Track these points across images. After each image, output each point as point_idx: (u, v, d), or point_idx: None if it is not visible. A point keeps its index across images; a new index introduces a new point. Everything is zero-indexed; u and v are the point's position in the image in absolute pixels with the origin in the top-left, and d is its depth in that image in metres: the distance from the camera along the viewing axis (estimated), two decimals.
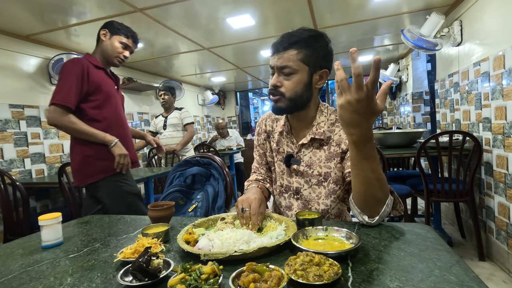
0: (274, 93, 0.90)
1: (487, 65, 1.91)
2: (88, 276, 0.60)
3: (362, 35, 3.06)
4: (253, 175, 1.11)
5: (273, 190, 1.09)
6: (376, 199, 0.73)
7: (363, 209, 0.75)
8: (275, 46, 0.89)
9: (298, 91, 0.89)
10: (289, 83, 0.88)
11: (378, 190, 0.71)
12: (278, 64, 0.88)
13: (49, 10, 1.98)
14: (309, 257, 0.54)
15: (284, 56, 0.87)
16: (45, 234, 0.77)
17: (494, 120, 1.86)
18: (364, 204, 0.74)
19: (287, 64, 0.87)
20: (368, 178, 0.70)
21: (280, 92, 0.89)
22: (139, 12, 2.08)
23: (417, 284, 0.48)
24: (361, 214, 0.76)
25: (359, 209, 0.76)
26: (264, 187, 1.04)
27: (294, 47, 0.86)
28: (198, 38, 2.77)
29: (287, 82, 0.88)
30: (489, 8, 1.87)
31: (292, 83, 0.88)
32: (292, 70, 0.87)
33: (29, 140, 2.41)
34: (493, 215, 1.96)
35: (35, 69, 2.50)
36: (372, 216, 0.75)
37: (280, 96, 0.89)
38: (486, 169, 2.02)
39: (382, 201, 0.73)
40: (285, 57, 0.87)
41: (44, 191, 2.50)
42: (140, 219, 1.00)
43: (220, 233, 0.71)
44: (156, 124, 3.30)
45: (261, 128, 1.10)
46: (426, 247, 0.62)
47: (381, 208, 0.73)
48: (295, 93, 0.89)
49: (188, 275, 0.51)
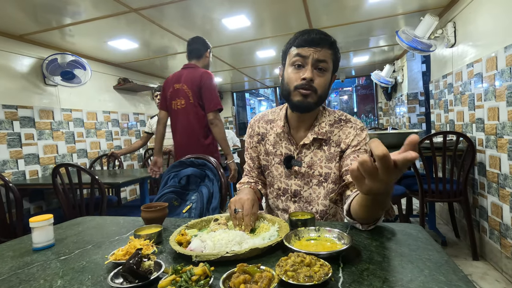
0: (307, 87, 0.86)
1: (480, 66, 1.93)
2: (79, 278, 0.59)
3: (357, 36, 3.08)
4: (245, 177, 1.09)
5: (267, 193, 1.08)
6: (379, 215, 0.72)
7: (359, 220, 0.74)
8: (312, 40, 0.85)
9: (326, 89, 0.89)
10: (322, 80, 0.87)
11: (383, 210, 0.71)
12: (317, 57, 0.85)
13: (43, 10, 1.96)
14: (300, 257, 0.54)
15: (322, 52, 0.85)
16: (36, 236, 0.77)
17: (487, 121, 1.88)
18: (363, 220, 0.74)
19: (324, 63, 0.86)
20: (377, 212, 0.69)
21: (313, 87, 0.86)
22: (134, 12, 2.08)
23: (407, 284, 0.49)
24: (354, 223, 0.76)
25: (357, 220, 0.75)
26: (256, 188, 1.03)
27: (329, 47, 0.87)
28: None
29: (320, 78, 0.87)
30: (482, 10, 1.89)
31: (324, 80, 0.88)
32: (326, 68, 0.87)
33: (22, 141, 2.39)
34: (486, 214, 1.97)
35: (29, 69, 2.48)
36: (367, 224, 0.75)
37: (312, 91, 0.86)
38: (479, 169, 2.03)
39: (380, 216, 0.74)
40: (323, 54, 0.86)
41: (38, 193, 2.48)
42: (134, 220, 1.00)
43: (212, 234, 0.71)
44: (151, 124, 3.27)
45: (254, 131, 1.07)
46: (417, 247, 0.63)
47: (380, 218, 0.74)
48: (325, 91, 0.89)
49: (178, 277, 0.51)
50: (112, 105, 3.42)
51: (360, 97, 9.61)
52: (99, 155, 3.12)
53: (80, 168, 1.84)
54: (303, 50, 0.86)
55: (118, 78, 3.49)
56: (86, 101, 3.06)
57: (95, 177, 1.79)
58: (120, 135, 3.51)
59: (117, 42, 2.69)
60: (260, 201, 1.01)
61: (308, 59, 0.86)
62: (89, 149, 3.05)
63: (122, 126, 3.55)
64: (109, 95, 3.39)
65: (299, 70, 0.88)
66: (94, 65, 3.12)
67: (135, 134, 3.77)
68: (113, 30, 2.40)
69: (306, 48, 0.86)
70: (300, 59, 0.87)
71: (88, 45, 2.72)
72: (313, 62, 0.86)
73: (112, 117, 3.41)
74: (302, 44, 0.86)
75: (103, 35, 2.50)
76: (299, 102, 0.88)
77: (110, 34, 2.48)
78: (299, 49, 0.86)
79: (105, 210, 1.88)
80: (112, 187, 2.17)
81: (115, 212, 2.19)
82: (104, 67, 3.31)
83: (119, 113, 3.52)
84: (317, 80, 0.87)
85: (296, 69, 0.88)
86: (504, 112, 1.68)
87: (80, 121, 2.96)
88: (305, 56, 0.86)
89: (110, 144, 3.35)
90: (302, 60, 0.87)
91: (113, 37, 2.56)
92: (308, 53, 0.85)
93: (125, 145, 3.58)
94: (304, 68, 0.87)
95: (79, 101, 2.96)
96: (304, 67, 0.87)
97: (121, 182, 1.93)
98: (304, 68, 0.87)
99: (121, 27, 2.35)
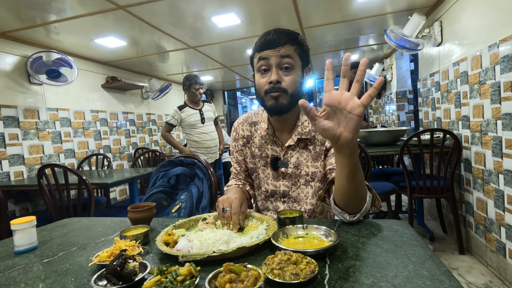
0: (274, 89, 0.85)
1: (465, 65, 1.97)
2: (61, 281, 0.58)
3: (347, 35, 3.10)
4: (232, 180, 1.08)
5: (256, 195, 1.07)
6: (360, 197, 0.74)
7: (346, 208, 0.76)
8: (269, 41, 0.84)
9: (298, 86, 0.87)
10: (289, 78, 0.85)
11: (363, 189, 0.73)
12: (279, 56, 0.84)
13: (26, 6, 1.90)
14: (287, 256, 0.54)
15: (282, 51, 0.84)
16: (18, 239, 0.74)
17: (472, 118, 1.93)
18: (349, 204, 0.75)
19: (288, 60, 0.84)
20: (361, 177, 0.70)
21: (282, 88, 0.85)
22: (121, 9, 2.04)
23: (391, 279, 0.49)
24: (342, 213, 0.77)
25: (342, 208, 0.76)
26: (244, 189, 1.02)
27: (291, 43, 0.85)
28: (183, 37, 2.74)
29: (287, 77, 0.85)
30: (467, 10, 1.93)
31: (293, 78, 0.86)
32: (292, 65, 0.85)
33: (6, 141, 2.32)
34: (472, 210, 2.02)
35: (12, 67, 2.41)
36: (353, 213, 0.76)
37: (282, 92, 0.85)
38: (465, 165, 2.08)
39: (364, 198, 0.75)
40: (285, 51, 0.84)
41: (23, 194, 2.42)
42: (121, 221, 0.98)
43: (199, 233, 0.70)
44: (187, 116, 2.88)
45: (238, 134, 1.05)
46: (402, 243, 0.64)
47: (363, 206, 0.75)
48: (296, 89, 0.87)
49: (164, 277, 0.50)
50: (100, 104, 3.36)
51: None
52: (87, 155, 3.06)
53: (67, 168, 1.80)
54: (264, 53, 0.85)
55: (106, 77, 3.43)
56: (73, 100, 3.00)
57: (82, 177, 1.76)
58: (109, 135, 3.45)
59: (104, 40, 2.63)
60: (249, 201, 1.00)
61: (271, 60, 0.85)
62: (77, 149, 2.99)
63: (111, 125, 3.49)
64: (97, 94, 3.32)
65: (266, 74, 0.87)
66: (81, 63, 3.06)
67: (125, 133, 3.71)
68: (100, 27, 2.35)
69: (267, 51, 0.85)
70: (264, 62, 0.86)
71: (74, 43, 2.65)
72: (277, 63, 0.85)
73: (101, 116, 3.35)
74: (262, 47, 0.85)
75: (89, 33, 2.44)
76: (272, 106, 0.87)
77: (97, 31, 2.43)
78: (261, 53, 0.86)
79: (93, 211, 1.85)
80: (101, 187, 2.13)
81: (103, 213, 2.16)
82: (91, 65, 3.24)
83: (107, 112, 3.45)
84: (285, 80, 0.85)
85: (263, 74, 0.87)
86: (489, 109, 1.72)
87: (67, 120, 2.90)
88: (267, 58, 0.85)
89: (99, 144, 3.29)
90: (266, 63, 0.86)
91: (100, 35, 2.51)
92: (270, 55, 0.84)
93: (114, 144, 3.52)
94: (269, 72, 0.86)
95: (65, 100, 2.89)
96: (270, 70, 0.86)
97: (109, 183, 1.90)
98: (270, 71, 0.86)
99: (109, 24, 2.31)
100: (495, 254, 1.76)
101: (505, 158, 1.61)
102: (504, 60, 1.55)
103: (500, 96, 1.61)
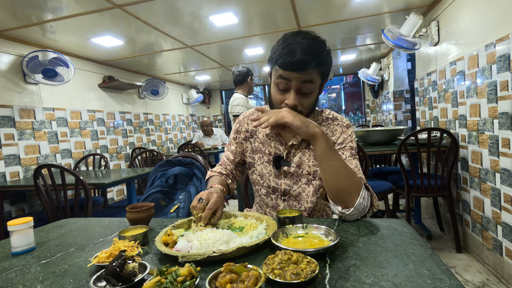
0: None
1: (462, 64, 1.98)
2: (60, 282, 0.57)
3: (345, 34, 3.11)
4: (219, 167, 1.07)
5: (254, 191, 1.08)
6: (347, 190, 0.77)
7: (336, 201, 0.79)
8: (296, 64, 0.78)
9: (313, 105, 0.89)
10: (307, 101, 0.85)
11: (347, 179, 0.77)
12: (299, 83, 0.81)
13: (22, 5, 1.88)
14: (287, 255, 0.54)
15: (305, 76, 0.80)
16: (15, 240, 0.74)
17: (469, 117, 1.94)
18: (337, 196, 0.79)
19: (310, 85, 0.82)
20: (337, 167, 0.76)
21: (298, 110, 0.83)
22: (117, 8, 2.02)
23: (391, 278, 0.49)
24: (335, 206, 0.80)
25: (333, 202, 0.80)
26: (226, 182, 1.01)
27: (317, 66, 0.81)
28: (181, 36, 2.73)
29: (305, 100, 0.85)
30: (464, 9, 1.94)
31: (310, 100, 0.86)
32: (312, 89, 0.84)
33: (2, 142, 2.29)
34: (469, 208, 2.04)
35: (8, 66, 2.39)
36: (346, 208, 0.78)
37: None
38: (462, 164, 2.09)
39: (353, 191, 0.77)
40: (308, 75, 0.81)
41: (19, 195, 2.40)
42: (119, 221, 0.98)
43: (199, 233, 0.70)
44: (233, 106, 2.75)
45: (242, 127, 1.06)
46: (402, 241, 0.64)
47: (356, 200, 0.76)
48: (311, 107, 0.89)
49: (164, 278, 0.50)
50: (97, 103, 3.34)
51: (348, 94, 9.72)
52: (84, 155, 3.04)
53: (63, 168, 1.79)
54: (285, 73, 0.81)
55: (103, 76, 3.40)
56: (70, 100, 2.97)
57: (79, 177, 1.75)
58: (106, 135, 3.43)
59: (101, 39, 2.61)
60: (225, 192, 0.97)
61: (291, 83, 0.82)
62: (74, 149, 2.97)
63: (108, 125, 3.47)
64: (94, 93, 3.30)
65: (283, 93, 0.85)
66: (78, 63, 3.03)
67: (122, 133, 3.69)
68: (97, 26, 2.33)
69: (289, 72, 0.80)
70: (283, 82, 0.82)
71: (71, 42, 2.63)
72: (297, 88, 0.82)
73: (97, 116, 3.33)
74: (284, 67, 0.80)
75: (86, 32, 2.42)
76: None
77: (93, 30, 2.41)
78: (282, 71, 0.81)
79: (91, 212, 1.84)
80: (98, 187, 2.12)
81: (101, 213, 2.14)
82: (88, 64, 3.22)
83: (104, 112, 3.43)
84: (302, 103, 0.85)
85: (280, 91, 0.85)
86: (485, 108, 1.74)
87: (64, 120, 2.88)
88: (288, 80, 0.82)
89: (96, 143, 3.27)
90: (285, 84, 0.83)
91: (97, 34, 2.49)
92: (291, 78, 0.81)
93: (111, 144, 3.50)
94: (287, 93, 0.83)
95: (62, 99, 2.87)
96: (288, 91, 0.83)
97: (107, 183, 1.89)
98: (288, 93, 0.83)
99: (105, 23, 2.29)
100: (492, 252, 1.77)
101: (502, 157, 1.62)
102: (500, 59, 1.56)
103: (496, 95, 1.62)
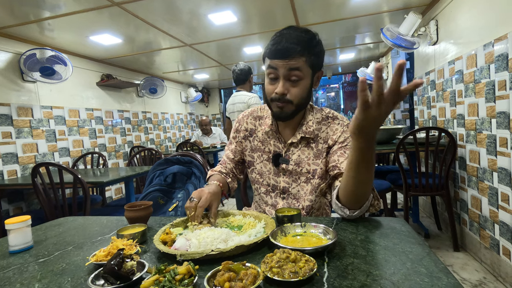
0: (280, 100, 0.86)
1: (460, 64, 1.99)
2: (58, 281, 0.57)
3: (344, 33, 3.11)
4: (219, 166, 1.09)
5: (254, 189, 1.08)
6: (364, 197, 0.75)
7: (349, 205, 0.76)
8: (281, 51, 0.82)
9: (304, 96, 0.88)
10: (296, 90, 0.86)
11: (368, 189, 0.74)
12: (288, 68, 0.83)
13: (19, 2, 1.87)
14: (286, 254, 0.54)
15: (292, 63, 0.82)
16: (12, 239, 0.73)
17: (467, 117, 1.94)
18: (353, 202, 0.76)
19: (297, 72, 0.84)
20: (365, 179, 0.71)
21: (288, 100, 0.86)
22: (116, 6, 2.01)
23: (389, 277, 0.49)
24: (342, 208, 0.77)
25: (344, 205, 0.77)
26: (225, 181, 1.02)
27: (302, 53, 0.83)
28: (179, 34, 2.72)
29: (294, 89, 0.86)
30: (463, 9, 1.94)
31: (299, 89, 0.86)
32: (300, 77, 0.85)
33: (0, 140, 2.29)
34: (466, 207, 2.05)
35: (5, 64, 2.37)
36: (353, 209, 0.77)
37: (287, 103, 0.86)
38: (460, 163, 2.10)
39: (368, 197, 0.76)
40: (294, 64, 0.83)
41: (17, 193, 2.39)
42: (118, 220, 0.97)
43: (197, 232, 0.70)
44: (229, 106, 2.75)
45: (242, 126, 1.07)
46: (400, 240, 0.64)
47: (364, 203, 0.76)
48: (302, 99, 0.88)
49: (162, 276, 0.50)
50: (95, 102, 3.32)
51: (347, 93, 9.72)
52: (82, 153, 3.03)
53: (62, 167, 1.78)
54: (273, 62, 0.84)
55: (101, 75, 3.39)
56: (68, 98, 2.96)
57: (77, 176, 1.74)
58: (104, 133, 3.42)
59: (99, 37, 2.60)
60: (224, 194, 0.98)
61: (279, 71, 0.84)
62: (72, 147, 2.96)
63: (106, 123, 3.46)
64: (92, 92, 3.29)
65: (274, 82, 0.87)
66: (76, 61, 3.02)
67: (120, 131, 3.68)
68: (95, 24, 2.32)
69: (276, 61, 0.84)
70: (273, 71, 0.85)
71: (69, 40, 2.62)
72: (284, 75, 0.84)
73: (96, 114, 3.31)
74: (272, 56, 0.84)
75: (84, 30, 2.41)
76: (277, 112, 0.90)
77: (92, 28, 2.40)
78: (271, 60, 0.85)
79: (89, 210, 1.83)
80: (96, 186, 2.12)
81: (99, 212, 2.14)
82: (86, 63, 3.20)
83: (102, 110, 3.42)
84: (291, 92, 0.86)
85: (271, 81, 0.88)
86: (483, 108, 1.74)
87: (62, 118, 2.86)
88: (276, 68, 0.84)
89: (94, 142, 3.26)
90: (275, 72, 0.85)
91: (95, 32, 2.48)
92: (278, 65, 0.84)
93: (109, 143, 3.49)
94: (277, 81, 0.86)
95: (60, 98, 2.86)
96: (278, 79, 0.86)
97: (105, 181, 1.88)
98: (277, 81, 0.86)
99: (104, 21, 2.28)
100: (489, 250, 1.78)
101: (499, 156, 1.62)
102: (498, 59, 1.57)
103: (494, 94, 1.62)
